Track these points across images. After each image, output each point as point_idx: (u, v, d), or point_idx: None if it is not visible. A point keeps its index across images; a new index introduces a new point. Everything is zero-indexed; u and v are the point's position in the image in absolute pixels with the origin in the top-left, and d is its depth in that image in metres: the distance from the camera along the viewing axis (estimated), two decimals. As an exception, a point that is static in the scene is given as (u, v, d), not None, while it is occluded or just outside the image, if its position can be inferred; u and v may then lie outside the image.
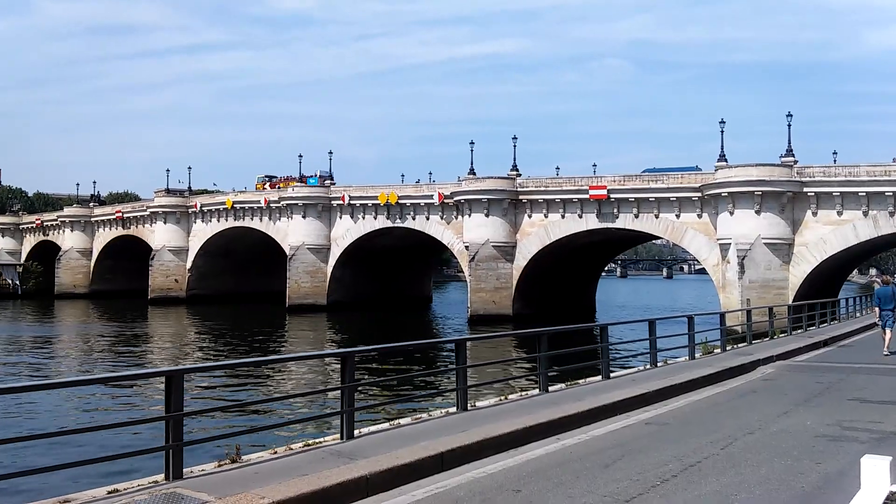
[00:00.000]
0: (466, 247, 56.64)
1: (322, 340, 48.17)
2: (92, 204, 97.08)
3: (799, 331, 29.94)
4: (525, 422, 11.62)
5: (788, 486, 9.01)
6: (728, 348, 23.31)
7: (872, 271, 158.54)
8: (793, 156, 46.77)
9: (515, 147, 58.88)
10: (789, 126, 47.89)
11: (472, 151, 61.10)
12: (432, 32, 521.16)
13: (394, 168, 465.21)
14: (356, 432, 10.75)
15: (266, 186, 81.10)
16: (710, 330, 24.26)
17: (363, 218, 64.90)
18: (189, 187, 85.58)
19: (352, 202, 65.07)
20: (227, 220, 75.74)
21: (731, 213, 45.16)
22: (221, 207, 75.85)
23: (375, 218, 64.09)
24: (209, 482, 8.35)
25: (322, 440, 10.60)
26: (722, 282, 46.82)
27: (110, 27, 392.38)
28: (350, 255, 66.25)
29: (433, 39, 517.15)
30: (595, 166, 62.89)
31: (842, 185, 43.37)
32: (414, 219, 61.87)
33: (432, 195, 60.23)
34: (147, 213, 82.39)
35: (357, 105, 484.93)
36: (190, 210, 79.19)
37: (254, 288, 77.70)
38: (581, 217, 52.91)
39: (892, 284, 23.32)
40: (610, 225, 52.08)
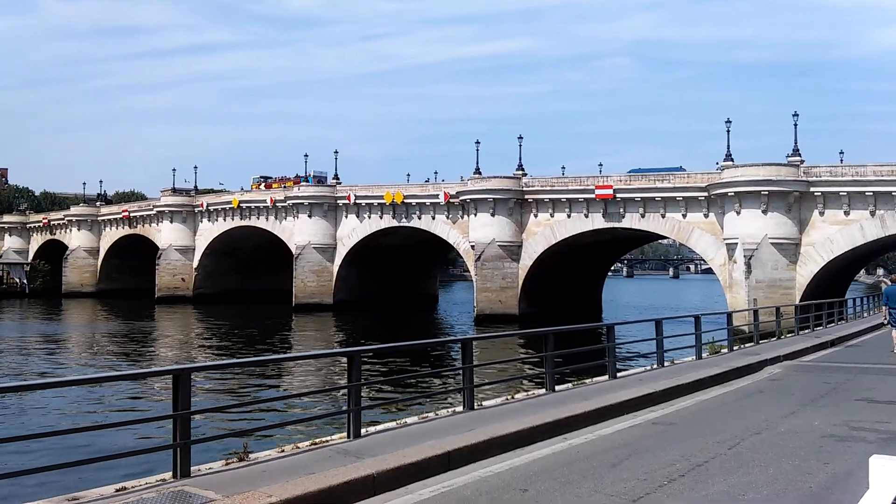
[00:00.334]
0: (472, 246, 56.64)
1: (328, 339, 48.22)
2: (98, 203, 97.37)
3: (806, 331, 29.88)
4: (532, 421, 11.61)
5: (796, 487, 8.99)
6: (735, 348, 23.25)
7: (880, 271, 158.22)
8: (799, 155, 46.65)
9: (521, 146, 58.97)
10: (795, 125, 47.83)
11: (478, 151, 61.47)
12: (437, 32, 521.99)
13: (399, 167, 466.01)
14: (363, 431, 10.75)
15: (261, 187, 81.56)
16: (717, 330, 24.20)
17: (369, 217, 64.96)
18: (195, 186, 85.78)
19: (357, 201, 65.12)
20: (234, 220, 75.89)
21: (738, 213, 45.06)
22: (228, 207, 76.00)
23: (381, 217, 64.13)
24: (216, 480, 8.36)
25: (329, 439, 10.61)
26: (728, 282, 46.72)
27: (115, 27, 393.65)
28: (356, 255, 66.30)
29: (438, 39, 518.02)
30: (601, 165, 62.98)
31: (849, 185, 43.25)
32: (420, 218, 61.88)
33: (438, 194, 60.25)
34: (153, 213, 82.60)
35: (362, 104, 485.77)
36: (196, 209, 79.37)
37: (260, 287, 77.84)
38: (587, 217, 52.86)
39: (900, 284, 23.24)
40: (616, 225, 52.01)
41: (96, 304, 77.41)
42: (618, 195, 51.17)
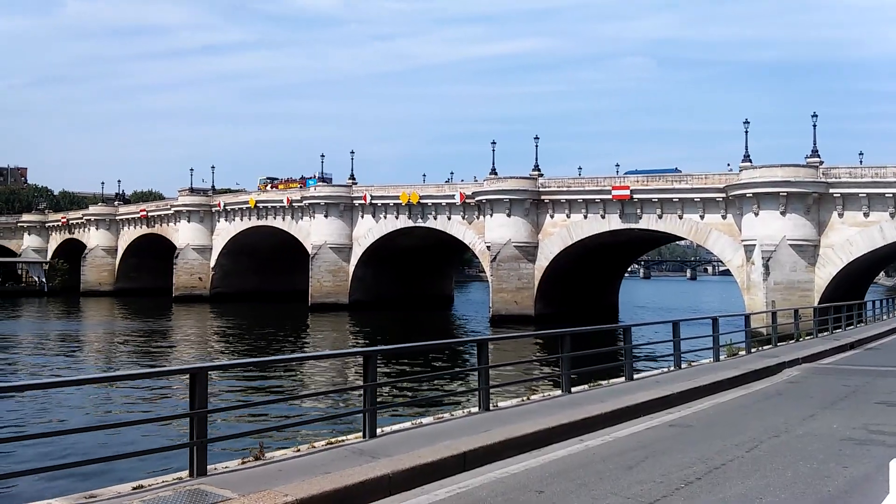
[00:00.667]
0: (488, 247, 56.57)
1: (344, 339, 48.30)
2: (117, 202, 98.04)
3: (825, 333, 29.67)
4: (548, 422, 11.58)
5: (814, 490, 8.92)
6: (753, 350, 23.12)
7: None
8: (818, 156, 46.27)
9: (537, 147, 58.81)
10: (815, 126, 47.43)
11: (494, 151, 61.09)
12: (452, 31, 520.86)
13: (414, 167, 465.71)
14: (378, 431, 10.76)
15: (268, 188, 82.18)
16: (735, 332, 24.09)
17: (385, 217, 65.02)
18: (213, 186, 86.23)
19: (373, 202, 65.21)
20: (251, 219, 76.19)
21: (756, 214, 44.77)
22: (245, 206, 76.31)
23: (397, 217, 64.18)
24: (233, 479, 8.39)
25: (344, 438, 10.62)
26: (746, 283, 46.43)
27: (133, 27, 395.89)
28: (372, 255, 66.39)
29: (454, 38, 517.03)
30: (618, 166, 62.70)
31: (868, 186, 42.89)
32: (435, 218, 61.88)
33: (454, 195, 60.22)
34: (171, 212, 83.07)
35: (377, 104, 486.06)
36: (213, 209, 79.76)
37: (276, 286, 78.08)
38: (604, 217, 52.67)
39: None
40: (633, 225, 51.81)
41: (114, 303, 77.94)
42: (635, 196, 50.95)
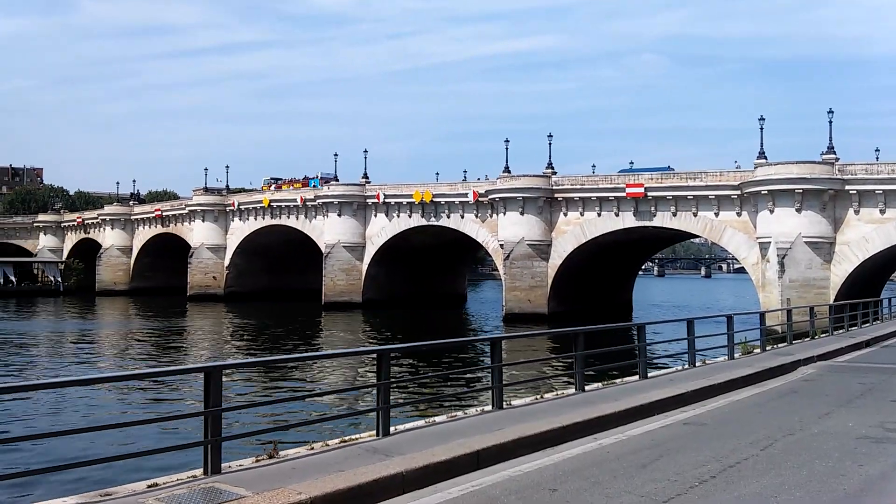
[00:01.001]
0: (501, 245, 56.50)
1: (357, 338, 48.38)
2: (132, 202, 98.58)
3: (840, 331, 29.49)
4: (561, 421, 11.56)
5: (829, 489, 8.88)
6: (768, 348, 23.03)
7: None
8: (834, 153, 45.96)
9: (551, 144, 58.62)
10: (830, 123, 47.10)
11: (507, 149, 60.89)
12: (465, 29, 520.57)
13: (427, 166, 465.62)
14: (392, 429, 10.77)
15: (271, 188, 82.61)
16: (750, 330, 23.95)
17: (398, 216, 65.07)
18: (227, 186, 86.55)
19: (387, 200, 65.27)
20: (264, 219, 76.43)
21: (772, 212, 44.54)
22: (258, 206, 76.56)
23: (410, 216, 64.21)
24: (247, 477, 8.41)
25: (358, 437, 10.64)
26: (761, 281, 46.20)
27: (148, 27, 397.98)
28: (385, 253, 66.46)
29: (467, 36, 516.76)
30: (632, 163, 62.28)
31: (884, 183, 42.60)
32: (448, 217, 61.87)
33: (467, 193, 60.19)
34: (186, 212, 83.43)
35: (390, 102, 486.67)
36: (228, 208, 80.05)
37: (290, 285, 78.32)
38: (618, 215, 52.52)
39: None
40: (647, 223, 51.62)
41: (129, 302, 78.39)
42: (649, 194, 50.79)
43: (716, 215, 49.00)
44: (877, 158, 50.80)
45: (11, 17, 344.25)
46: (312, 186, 75.78)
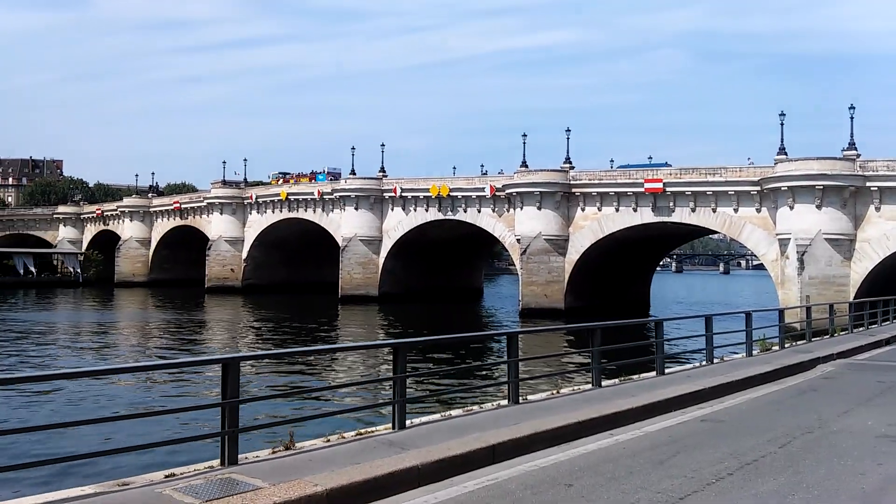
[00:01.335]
0: (518, 240, 56.42)
1: (374, 331, 48.49)
2: (150, 195, 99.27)
3: (860, 329, 29.26)
4: (577, 416, 11.54)
5: (848, 488, 8.81)
6: (786, 345, 22.88)
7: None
8: (855, 149, 45.55)
9: (569, 139, 58.51)
10: (852, 119, 46.70)
11: (525, 143, 61.01)
12: (483, 24, 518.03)
13: (445, 160, 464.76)
14: (407, 423, 10.77)
15: (279, 182, 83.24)
16: (769, 327, 23.79)
17: (415, 210, 65.11)
18: (245, 179, 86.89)
19: (403, 194, 65.31)
20: (282, 212, 76.73)
21: (791, 208, 44.20)
22: (276, 199, 76.85)
23: (427, 210, 64.23)
24: (263, 468, 8.45)
25: (374, 429, 10.66)
26: (781, 278, 45.90)
27: (166, 21, 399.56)
28: (402, 247, 66.53)
29: (484, 31, 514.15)
30: (650, 158, 62.17)
31: (907, 180, 42.16)
32: (465, 211, 61.83)
33: (484, 187, 60.13)
34: (204, 204, 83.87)
35: (408, 97, 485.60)
36: (245, 201, 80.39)
37: (307, 278, 78.61)
38: (636, 211, 52.28)
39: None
40: (665, 219, 51.37)
41: (148, 294, 78.95)
42: (668, 189, 50.51)
43: (735, 211, 48.70)
44: (899, 155, 50.30)
45: (33, 12, 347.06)
46: (327, 180, 76.20)
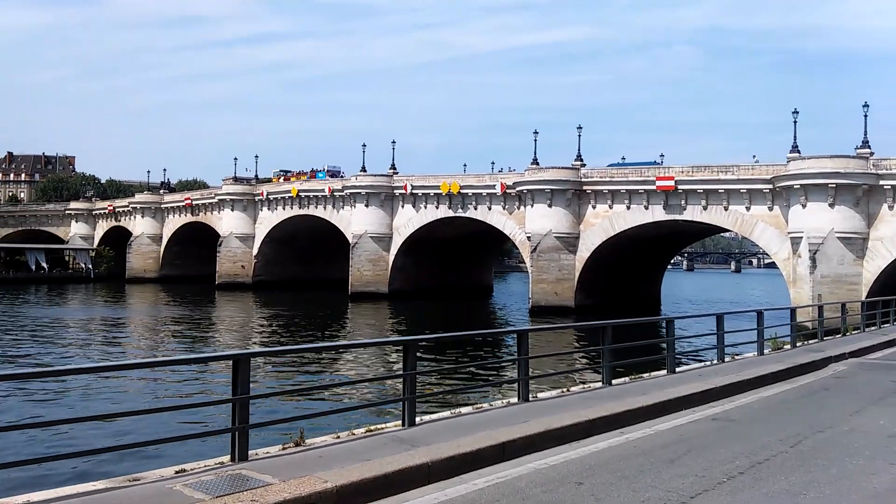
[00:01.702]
0: (528, 237, 56.35)
1: (384, 328, 48.54)
2: (162, 191, 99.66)
3: (872, 328, 29.10)
4: (588, 414, 11.51)
5: (860, 487, 8.77)
6: (798, 344, 22.75)
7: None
8: (868, 147, 45.26)
9: (580, 136, 58.54)
10: (865, 117, 46.41)
11: (536, 141, 61.05)
12: (495, 20, 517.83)
13: (455, 157, 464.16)
14: (417, 420, 10.77)
15: (281, 180, 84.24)
16: (780, 325, 23.67)
17: (425, 207, 65.11)
18: (256, 175, 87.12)
19: (414, 191, 65.32)
20: (293, 208, 76.89)
21: (804, 206, 43.97)
22: (287, 195, 77.02)
23: (437, 207, 64.23)
24: (274, 465, 8.46)
25: (384, 426, 10.66)
26: (792, 276, 45.68)
27: (178, 18, 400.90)
28: (412, 244, 66.56)
29: (496, 27, 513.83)
30: (662, 156, 62.05)
31: (921, 179, 41.87)
32: (476, 209, 61.80)
33: (494, 185, 60.07)
34: (215, 201, 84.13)
35: (418, 94, 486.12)
36: (256, 198, 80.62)
37: (317, 275, 78.78)
38: (647, 208, 52.13)
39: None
40: (677, 217, 51.19)
41: (159, 290, 79.25)
42: (679, 187, 50.33)
43: (747, 209, 48.48)
44: (913, 153, 49.98)
45: (47, 9, 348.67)
46: (327, 178, 77.02)
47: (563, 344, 35.23)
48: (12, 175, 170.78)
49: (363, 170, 70.41)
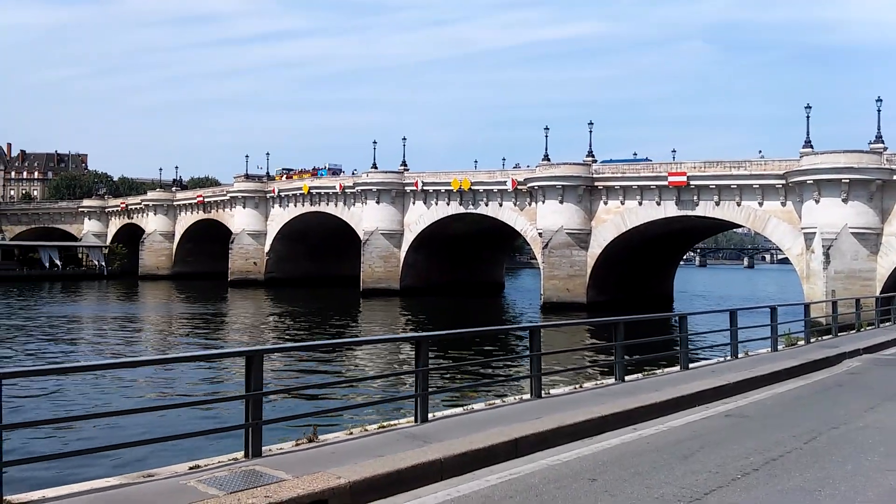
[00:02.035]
0: (540, 233, 56.27)
1: (395, 324, 48.60)
2: (174, 188, 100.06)
3: (887, 323, 28.99)
4: (601, 410, 11.48)
5: (875, 483, 8.71)
6: (812, 340, 22.64)
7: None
8: (882, 142, 44.99)
9: (591, 132, 58.26)
10: (879, 111, 46.20)
11: (547, 137, 61.13)
12: (508, 16, 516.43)
13: (466, 154, 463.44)
14: (430, 416, 10.77)
15: (283, 178, 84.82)
16: (794, 321, 23.56)
17: (436, 204, 65.10)
18: (267, 173, 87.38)
19: (425, 188, 65.32)
20: (304, 205, 77.06)
21: (817, 202, 43.72)
22: (298, 193, 77.18)
23: (448, 204, 64.20)
24: (287, 461, 8.48)
25: (396, 422, 10.67)
26: (806, 272, 45.46)
27: (191, 16, 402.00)
28: (423, 241, 66.59)
29: (509, 23, 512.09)
30: (675, 152, 61.78)
31: (935, 173, 41.57)
32: (487, 205, 61.74)
33: (505, 181, 59.99)
34: (227, 198, 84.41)
35: (431, 90, 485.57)
36: (268, 195, 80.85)
37: (329, 272, 78.97)
38: (659, 204, 51.95)
39: None
40: (689, 212, 51.00)
41: (171, 287, 79.58)
42: (691, 182, 50.13)
43: (760, 205, 48.24)
44: (928, 147, 49.54)
45: (60, 8, 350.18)
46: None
47: (576, 340, 35.17)
48: (25, 173, 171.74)
49: (374, 167, 70.43)
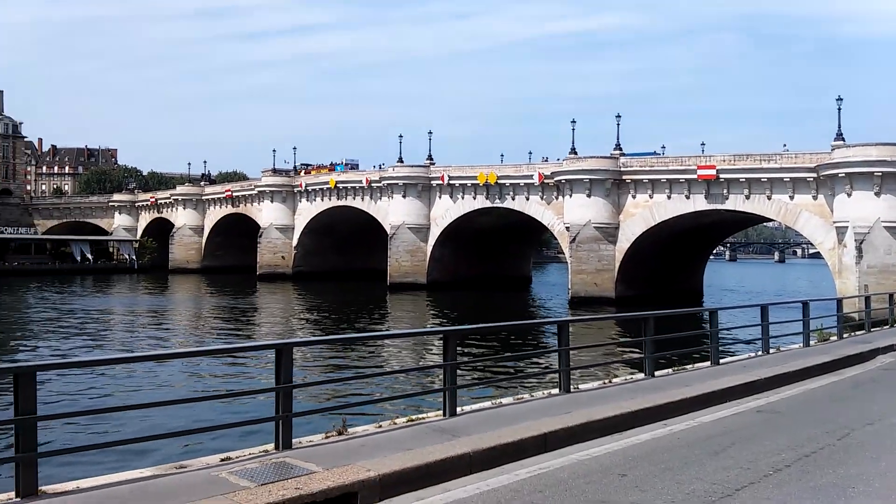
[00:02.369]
0: (567, 227, 55.99)
1: (423, 318, 48.66)
2: (203, 183, 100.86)
3: (921, 319, 28.42)
4: (630, 406, 11.43)
5: (911, 481, 8.57)
6: (845, 336, 22.35)
7: None
8: (917, 134, 44.29)
9: (619, 125, 57.73)
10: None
11: (574, 130, 60.20)
12: (532, 8, 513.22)
13: (492, 147, 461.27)
14: (458, 410, 10.77)
15: (302, 173, 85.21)
16: (826, 316, 23.28)
17: (462, 198, 65.02)
18: (294, 167, 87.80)
19: (451, 182, 65.24)
20: (331, 200, 77.34)
21: (849, 195, 43.12)
22: (325, 187, 77.46)
23: (475, 198, 64.10)
24: (317, 453, 8.53)
25: (425, 416, 10.68)
26: (838, 267, 44.88)
27: (216, 9, 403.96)
28: (449, 235, 66.56)
29: (534, 15, 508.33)
30: (703, 145, 61.09)
31: (971, 166, 40.82)
32: (513, 199, 61.55)
33: (532, 175, 59.72)
34: (255, 192, 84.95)
35: (455, 83, 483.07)
36: (295, 189, 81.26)
37: (356, 266, 79.26)
38: (688, 198, 51.47)
39: None
40: (719, 206, 50.50)
41: (201, 280, 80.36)
42: (721, 175, 49.62)
43: (790, 198, 47.65)
44: (962, 140, 48.60)
45: (87, 2, 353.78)
46: (346, 170, 78.05)
47: (604, 335, 34.97)
48: (56, 168, 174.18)
49: (400, 160, 70.46)
